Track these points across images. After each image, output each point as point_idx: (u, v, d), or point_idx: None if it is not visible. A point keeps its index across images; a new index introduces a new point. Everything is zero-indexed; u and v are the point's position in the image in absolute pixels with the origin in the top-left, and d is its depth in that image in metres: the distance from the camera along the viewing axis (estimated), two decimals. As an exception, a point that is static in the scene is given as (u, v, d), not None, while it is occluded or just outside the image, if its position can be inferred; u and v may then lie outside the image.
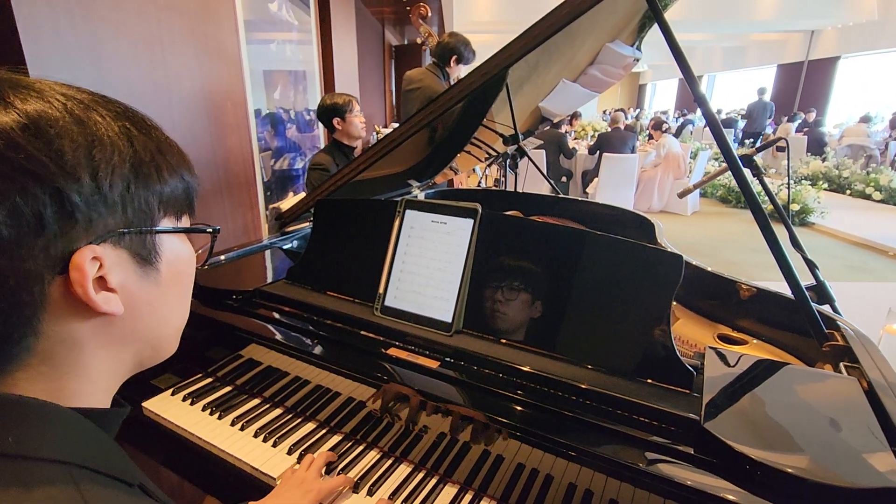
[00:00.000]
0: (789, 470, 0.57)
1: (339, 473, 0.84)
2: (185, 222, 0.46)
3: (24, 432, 0.35)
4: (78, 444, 0.36)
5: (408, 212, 1.03)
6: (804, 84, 12.51)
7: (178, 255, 0.45)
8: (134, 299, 0.41)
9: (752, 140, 9.99)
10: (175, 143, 0.44)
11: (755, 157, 1.24)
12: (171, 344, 0.48)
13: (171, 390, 1.06)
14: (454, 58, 2.78)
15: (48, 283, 0.35)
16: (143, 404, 1.02)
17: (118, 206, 0.38)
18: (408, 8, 3.29)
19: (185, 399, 1.04)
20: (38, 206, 0.33)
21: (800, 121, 10.42)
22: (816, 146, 8.97)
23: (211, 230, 0.50)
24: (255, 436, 0.94)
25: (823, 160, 8.38)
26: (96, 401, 0.41)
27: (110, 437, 0.40)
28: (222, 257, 1.33)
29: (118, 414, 0.43)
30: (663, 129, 6.74)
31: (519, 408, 0.78)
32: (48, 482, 0.33)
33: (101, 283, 0.38)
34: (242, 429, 0.95)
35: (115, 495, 0.36)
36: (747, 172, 1.07)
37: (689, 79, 1.01)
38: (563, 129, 6.67)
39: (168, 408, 1.02)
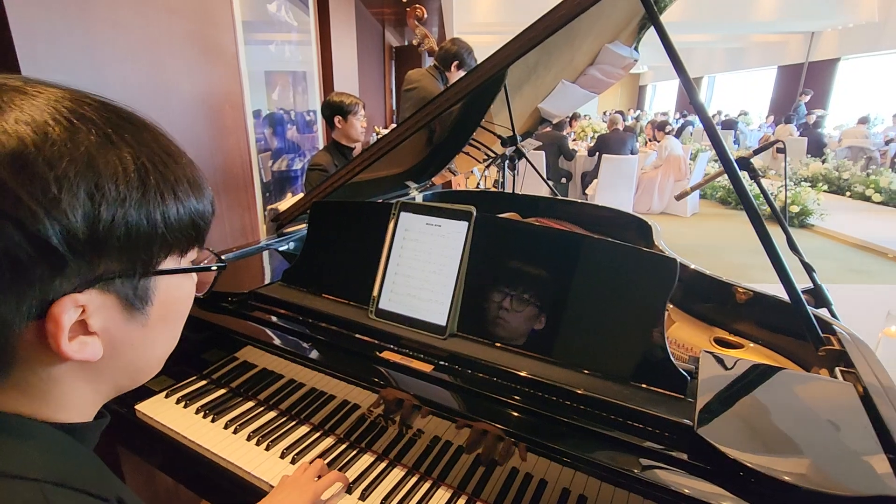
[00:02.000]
0: (783, 477, 0.57)
1: (332, 477, 0.83)
2: (192, 255, 0.43)
3: None
4: (51, 460, 0.35)
5: (402, 214, 1.03)
6: (804, 85, 12.50)
7: (175, 294, 0.42)
8: (116, 341, 0.38)
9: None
10: (191, 169, 0.41)
11: (752, 160, 1.23)
12: (151, 373, 0.46)
13: (164, 392, 1.06)
14: (455, 63, 2.79)
15: (20, 329, 0.33)
16: (136, 407, 1.02)
17: (113, 251, 0.34)
18: (407, 10, 3.29)
19: (178, 402, 1.03)
20: (18, 255, 0.30)
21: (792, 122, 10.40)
22: (816, 148, 8.97)
23: (216, 267, 0.47)
24: (248, 439, 0.93)
25: (823, 162, 8.37)
26: (73, 419, 0.40)
27: (88, 450, 0.39)
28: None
29: (96, 426, 0.42)
30: (666, 130, 6.73)
31: (513, 412, 0.78)
32: (19, 500, 0.32)
33: (82, 326, 0.35)
34: (236, 432, 0.95)
35: None
36: (745, 175, 1.07)
37: (686, 81, 1.01)
38: (565, 130, 6.67)
39: (161, 410, 1.01)
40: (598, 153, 6.04)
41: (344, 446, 0.92)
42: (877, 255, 4.91)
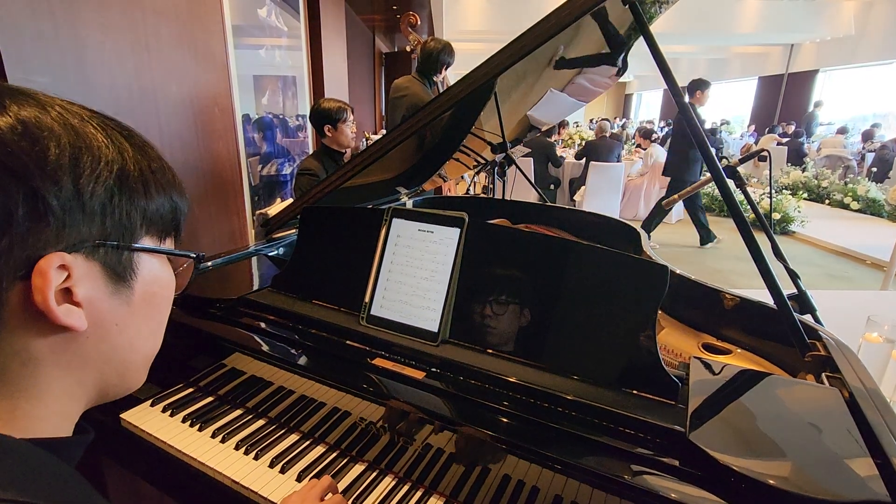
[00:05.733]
0: (775, 483, 0.58)
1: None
2: (169, 245, 0.44)
3: None
4: (30, 480, 0.33)
5: (394, 220, 1.03)
6: (784, 96, 12.84)
7: (156, 277, 0.43)
8: (101, 317, 0.39)
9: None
10: (169, 166, 0.43)
11: (738, 168, 1.25)
12: (138, 374, 0.45)
13: (150, 401, 1.03)
14: (443, 65, 2.82)
15: (7, 288, 0.33)
16: (122, 416, 1.00)
17: (97, 215, 0.36)
18: (398, 16, 3.31)
19: (164, 410, 1.01)
20: (10, 205, 0.32)
21: (780, 132, 10.67)
22: (796, 157, 9.19)
23: (194, 256, 0.47)
24: (237, 448, 0.91)
25: (803, 170, 8.58)
26: (52, 425, 0.39)
27: (69, 468, 0.38)
28: (209, 264, 1.30)
29: (78, 442, 0.41)
30: (652, 138, 6.84)
31: (504, 419, 0.78)
32: None
33: (67, 294, 0.36)
34: (223, 441, 0.93)
35: None
36: (731, 183, 1.09)
37: (673, 89, 1.02)
38: (554, 137, 6.73)
39: (147, 419, 0.99)
40: (585, 158, 6.11)
41: (334, 455, 0.91)
42: (855, 262, 5.04)
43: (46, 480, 0.34)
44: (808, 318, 1.08)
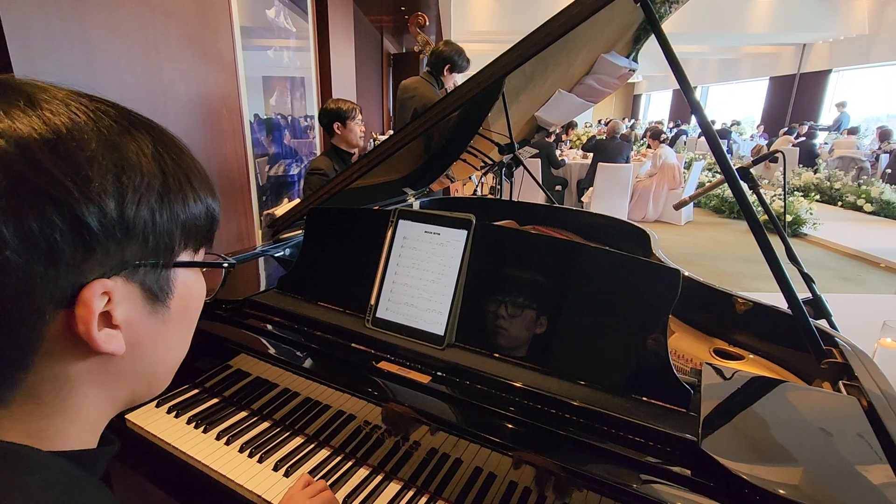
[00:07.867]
0: (790, 494, 0.56)
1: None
2: (202, 254, 0.43)
3: None
4: (58, 495, 0.33)
5: (401, 222, 1.02)
6: (796, 96, 12.68)
7: (191, 290, 0.42)
8: (137, 336, 0.38)
9: None
10: (201, 167, 0.42)
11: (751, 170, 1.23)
12: (166, 380, 0.45)
13: (155, 402, 1.03)
14: (447, 66, 2.81)
15: (50, 317, 0.32)
16: (127, 416, 1.00)
17: (139, 236, 0.34)
18: (406, 17, 3.31)
19: (169, 411, 1.01)
20: (55, 234, 0.30)
21: (793, 133, 10.54)
22: (808, 158, 9.07)
23: (227, 265, 0.47)
24: (241, 451, 0.91)
25: (815, 172, 8.46)
26: (81, 441, 0.38)
27: (95, 480, 0.37)
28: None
29: (105, 453, 0.40)
30: (661, 139, 6.77)
31: (511, 425, 0.76)
32: None
33: (106, 318, 0.35)
34: (228, 443, 0.93)
35: None
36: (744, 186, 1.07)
37: (685, 87, 1.00)
38: (552, 138, 6.67)
39: (152, 420, 0.99)
40: (592, 156, 6.07)
41: (338, 459, 0.90)
42: (869, 265, 4.95)
43: (74, 494, 0.34)
44: (822, 323, 1.06)
